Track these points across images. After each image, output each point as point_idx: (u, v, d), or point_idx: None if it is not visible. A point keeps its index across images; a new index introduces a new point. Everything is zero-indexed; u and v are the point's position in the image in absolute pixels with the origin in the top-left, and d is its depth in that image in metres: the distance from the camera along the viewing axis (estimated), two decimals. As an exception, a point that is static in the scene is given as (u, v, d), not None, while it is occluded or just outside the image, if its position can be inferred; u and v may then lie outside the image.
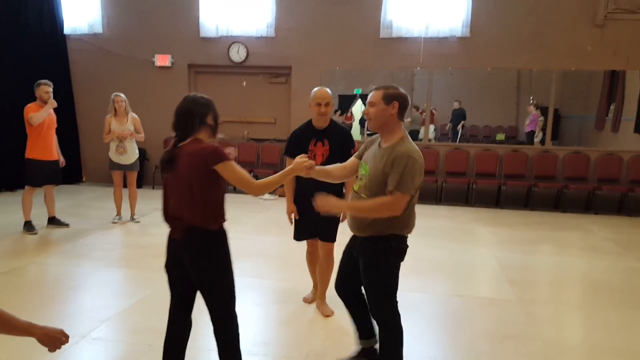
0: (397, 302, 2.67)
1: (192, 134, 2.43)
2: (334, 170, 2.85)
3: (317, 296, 3.96)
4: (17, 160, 6.20)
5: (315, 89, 3.68)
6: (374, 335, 2.89)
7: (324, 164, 3.51)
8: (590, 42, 8.13)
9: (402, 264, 2.65)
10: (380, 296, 2.64)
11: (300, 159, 2.59)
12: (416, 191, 2.51)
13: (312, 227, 3.74)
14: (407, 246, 2.66)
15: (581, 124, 10.85)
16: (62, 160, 6.12)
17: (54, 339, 1.73)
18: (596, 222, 7.45)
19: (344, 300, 2.94)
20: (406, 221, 2.55)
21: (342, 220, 3.75)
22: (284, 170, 2.61)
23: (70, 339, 3.26)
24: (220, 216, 2.44)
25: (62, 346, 1.77)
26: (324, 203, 2.55)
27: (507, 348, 3.34)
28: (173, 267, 2.52)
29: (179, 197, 2.41)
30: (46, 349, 1.75)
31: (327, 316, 3.81)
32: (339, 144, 3.64)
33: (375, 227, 2.54)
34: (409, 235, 2.63)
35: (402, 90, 2.58)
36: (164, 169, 2.47)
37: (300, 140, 3.67)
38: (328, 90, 3.65)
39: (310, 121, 3.71)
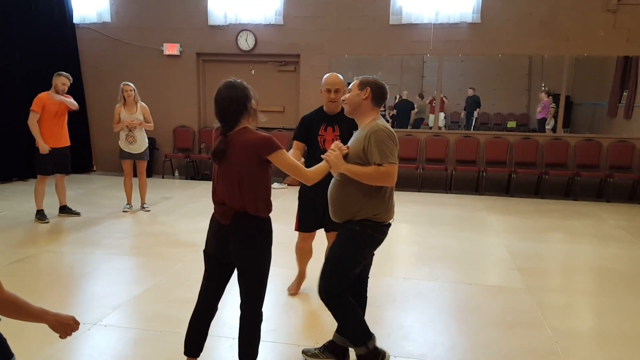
0: (343, 291, 2.67)
1: (239, 121, 2.40)
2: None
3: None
4: (29, 150, 6.27)
5: (327, 75, 3.64)
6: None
7: None
8: (603, 28, 7.99)
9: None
10: (332, 277, 2.67)
11: (332, 150, 2.61)
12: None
13: (319, 218, 3.69)
14: (383, 237, 2.68)
15: (594, 111, 10.73)
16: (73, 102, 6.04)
17: (65, 326, 1.76)
18: (607, 209, 7.39)
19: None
20: (382, 205, 2.59)
21: None
22: (322, 163, 2.64)
23: (81, 326, 3.31)
24: (270, 204, 2.46)
25: (73, 333, 1.80)
26: (334, 155, 2.59)
27: (516, 335, 3.33)
28: (216, 252, 2.52)
29: (229, 185, 2.40)
30: (57, 338, 1.78)
31: None
32: (348, 129, 3.54)
33: (352, 212, 2.61)
34: (390, 222, 2.66)
35: (381, 81, 2.70)
36: (217, 160, 2.43)
37: (311, 125, 3.65)
38: (339, 76, 3.59)
39: (321, 107, 3.69)
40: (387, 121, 2.80)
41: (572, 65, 8.84)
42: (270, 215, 2.47)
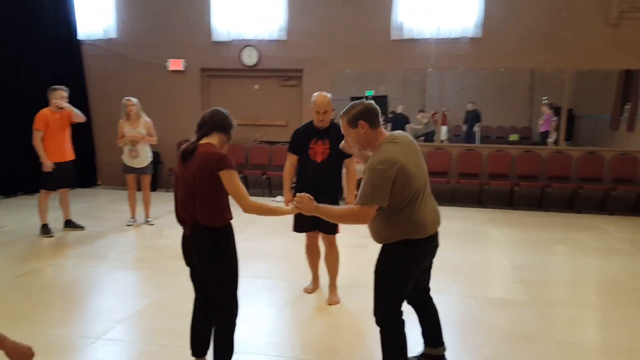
0: (400, 310, 2.66)
1: (209, 135, 2.66)
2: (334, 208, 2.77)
3: (329, 286, 4.13)
4: (34, 165, 6.31)
5: (315, 94, 3.87)
6: (439, 345, 2.96)
7: (324, 161, 3.80)
8: (603, 42, 8.05)
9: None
10: (380, 300, 2.66)
11: (301, 198, 2.63)
12: (407, 195, 2.47)
13: (312, 220, 3.78)
14: (426, 251, 2.66)
15: (596, 124, 10.73)
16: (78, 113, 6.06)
17: (22, 354, 1.76)
18: (611, 222, 7.37)
19: (414, 307, 2.97)
20: (410, 227, 2.54)
21: None
22: (283, 207, 2.85)
23: (86, 340, 3.33)
24: (221, 215, 2.60)
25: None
26: (300, 204, 2.60)
27: (521, 349, 3.32)
28: (187, 257, 2.74)
29: (184, 194, 2.62)
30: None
31: (331, 304, 3.98)
32: (338, 143, 3.72)
33: (384, 238, 2.61)
34: (424, 237, 2.61)
35: (361, 103, 2.60)
36: (184, 159, 2.64)
37: (302, 138, 3.91)
38: (328, 95, 3.85)
39: (312, 121, 3.92)
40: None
41: (574, 79, 8.87)
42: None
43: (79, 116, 6.03)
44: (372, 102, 2.62)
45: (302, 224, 4.00)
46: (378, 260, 2.67)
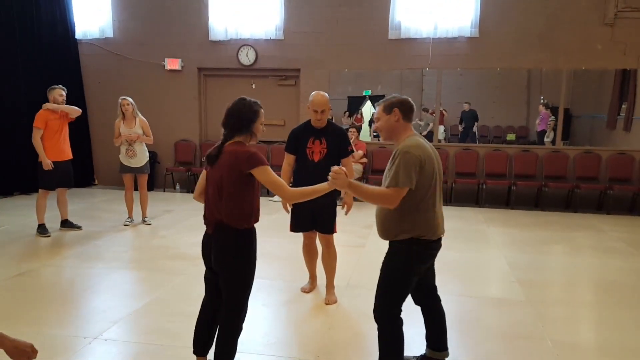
0: (400, 309, 2.67)
1: (234, 135, 2.58)
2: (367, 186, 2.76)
3: (326, 285, 4.12)
4: (31, 164, 6.30)
5: (313, 93, 3.87)
6: (443, 349, 2.95)
7: (321, 160, 3.81)
8: (600, 41, 8.07)
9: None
10: (384, 297, 2.68)
11: (337, 174, 2.56)
12: (427, 188, 2.55)
13: (309, 219, 3.94)
14: (433, 252, 2.70)
15: (592, 123, 10.76)
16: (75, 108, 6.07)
17: (22, 352, 1.72)
18: (608, 222, 7.39)
19: (421, 307, 2.99)
20: (423, 225, 2.57)
21: (347, 213, 3.93)
22: (321, 184, 2.65)
23: (82, 340, 3.32)
24: (248, 217, 2.57)
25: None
26: (337, 178, 2.54)
27: (517, 348, 3.33)
28: (204, 258, 2.70)
29: (212, 194, 2.58)
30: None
31: (328, 304, 3.98)
32: (335, 142, 3.89)
33: (394, 233, 2.62)
34: (435, 239, 2.65)
35: (401, 96, 2.70)
36: (208, 163, 2.61)
37: (299, 138, 3.91)
38: (325, 94, 3.86)
39: (309, 121, 3.93)
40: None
41: (571, 78, 8.90)
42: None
43: (74, 110, 6.01)
44: (410, 99, 2.71)
45: (300, 223, 4.02)
46: (386, 258, 2.69)
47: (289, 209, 3.98)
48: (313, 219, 3.95)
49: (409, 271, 2.64)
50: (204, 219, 2.68)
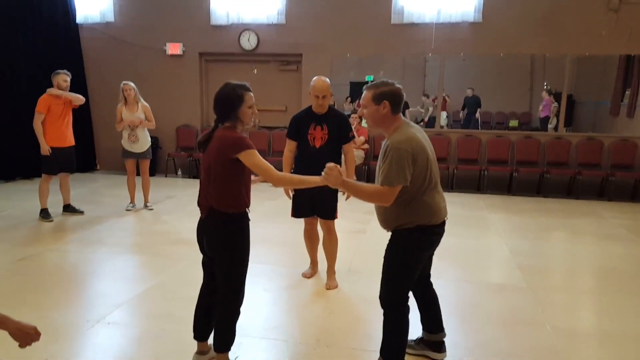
0: (407, 296, 2.69)
1: (226, 120, 2.59)
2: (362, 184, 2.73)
3: (327, 270, 4.15)
4: (33, 149, 6.29)
5: (314, 79, 3.84)
6: (439, 331, 2.99)
7: (323, 146, 3.81)
8: (604, 27, 7.99)
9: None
10: (389, 284, 2.68)
11: (331, 170, 2.55)
12: (423, 178, 2.52)
13: (310, 205, 3.95)
14: (437, 237, 2.67)
15: (596, 110, 10.72)
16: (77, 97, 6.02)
17: (26, 335, 1.73)
18: (609, 208, 7.39)
19: (413, 293, 2.98)
20: (423, 212, 2.56)
21: (347, 199, 3.91)
22: (313, 177, 2.67)
23: (85, 323, 3.35)
24: (236, 202, 2.58)
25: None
26: (329, 174, 2.54)
27: (517, 334, 3.35)
28: (200, 243, 2.72)
29: (203, 178, 2.62)
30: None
31: (329, 289, 4.01)
32: (336, 128, 3.87)
33: (395, 224, 2.60)
34: (439, 223, 2.63)
35: (392, 85, 2.58)
36: (199, 149, 2.66)
37: (301, 124, 3.91)
38: (327, 80, 3.81)
39: (310, 107, 3.92)
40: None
41: (574, 64, 8.83)
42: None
43: (78, 98, 6.00)
44: (401, 87, 2.60)
45: (301, 209, 4.03)
46: (389, 245, 2.67)
47: (291, 194, 3.99)
48: (314, 205, 3.96)
49: (412, 259, 2.63)
50: (198, 205, 2.70)
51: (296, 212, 4.08)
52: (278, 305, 3.80)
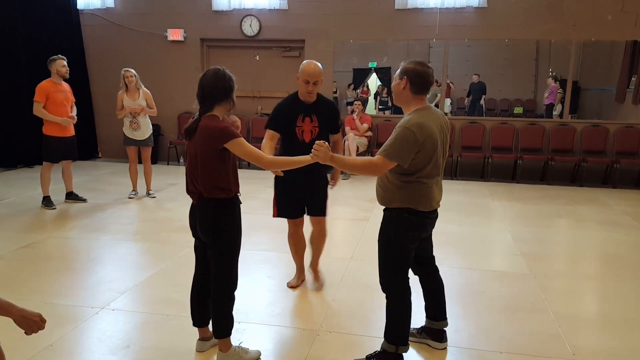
0: (405, 277, 2.70)
1: (211, 108, 2.58)
2: (348, 158, 2.78)
3: (311, 264, 3.92)
4: (34, 137, 6.27)
5: (305, 62, 3.45)
6: (442, 319, 2.98)
7: (313, 140, 3.13)
8: (611, 12, 7.88)
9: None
10: (384, 266, 2.70)
11: (320, 147, 2.54)
12: (426, 164, 2.52)
13: (298, 205, 3.62)
14: (427, 221, 2.68)
15: (601, 96, 10.63)
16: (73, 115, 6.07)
17: (31, 322, 1.72)
18: (614, 196, 7.36)
19: (419, 277, 3.00)
20: (416, 197, 2.56)
21: (333, 187, 3.72)
22: (304, 156, 2.65)
23: (90, 310, 3.36)
24: (225, 189, 2.58)
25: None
26: (318, 151, 2.55)
27: (519, 320, 3.35)
28: (192, 228, 2.75)
29: (191, 167, 2.62)
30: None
31: (316, 281, 3.88)
32: (326, 119, 3.50)
33: (387, 200, 2.63)
34: (427, 210, 2.63)
35: (423, 65, 2.57)
36: (186, 137, 2.64)
37: (287, 115, 3.45)
38: (319, 65, 3.42)
39: (296, 94, 3.51)
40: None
41: (580, 50, 8.74)
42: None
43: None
44: (430, 71, 2.58)
45: (288, 208, 3.62)
46: (381, 227, 2.69)
47: (281, 173, 3.29)
48: (304, 203, 3.62)
49: (401, 238, 2.63)
50: (187, 191, 2.70)
51: (282, 212, 3.64)
52: (281, 291, 3.80)
